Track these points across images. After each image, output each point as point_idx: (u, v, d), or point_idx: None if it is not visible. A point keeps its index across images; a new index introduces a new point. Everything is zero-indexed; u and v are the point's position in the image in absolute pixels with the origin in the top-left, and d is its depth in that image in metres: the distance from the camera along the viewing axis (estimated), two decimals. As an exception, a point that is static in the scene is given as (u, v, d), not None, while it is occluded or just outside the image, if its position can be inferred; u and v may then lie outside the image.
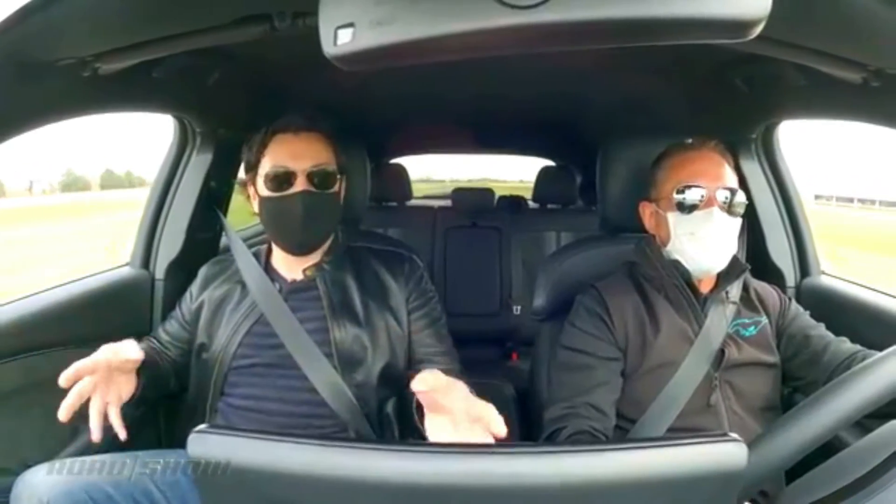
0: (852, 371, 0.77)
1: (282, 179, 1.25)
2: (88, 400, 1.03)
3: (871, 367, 0.76)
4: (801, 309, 1.31)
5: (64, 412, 0.98)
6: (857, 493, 0.74)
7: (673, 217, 1.23)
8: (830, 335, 1.25)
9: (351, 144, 1.48)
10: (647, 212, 1.33)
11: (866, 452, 0.81)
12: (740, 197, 1.21)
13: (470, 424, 0.83)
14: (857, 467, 0.77)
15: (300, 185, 1.24)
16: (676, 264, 1.24)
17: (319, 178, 1.26)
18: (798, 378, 1.24)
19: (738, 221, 1.22)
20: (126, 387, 1.10)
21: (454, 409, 0.85)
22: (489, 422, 0.82)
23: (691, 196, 1.21)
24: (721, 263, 1.22)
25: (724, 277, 1.25)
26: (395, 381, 1.27)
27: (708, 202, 1.20)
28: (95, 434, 1.02)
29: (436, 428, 0.87)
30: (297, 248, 1.31)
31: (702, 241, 1.20)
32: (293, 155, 1.26)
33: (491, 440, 0.80)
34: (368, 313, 1.28)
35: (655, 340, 1.22)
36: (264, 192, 1.27)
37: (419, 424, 0.94)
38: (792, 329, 1.27)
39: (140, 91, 1.30)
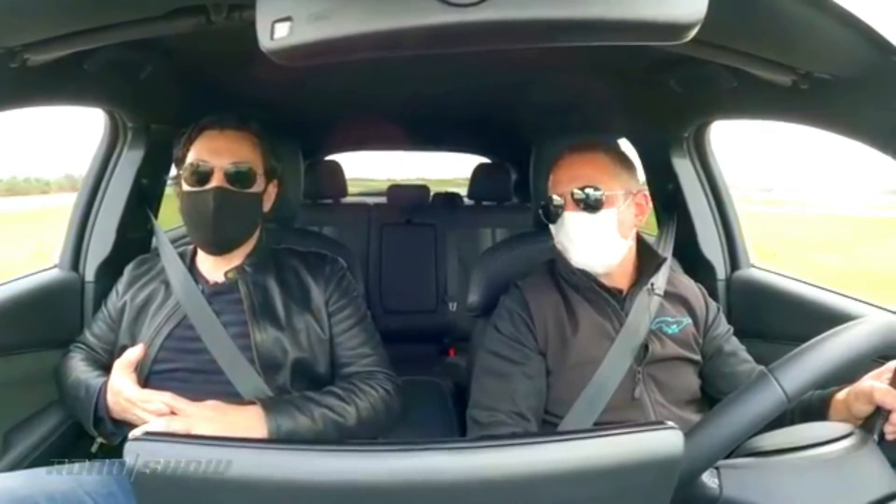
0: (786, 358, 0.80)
1: (200, 175, 1.24)
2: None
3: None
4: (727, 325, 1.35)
5: None
6: None
7: (552, 227, 1.29)
8: (754, 362, 1.29)
9: (285, 141, 1.46)
10: None
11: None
12: (594, 192, 1.21)
13: None
14: None
15: (216, 181, 1.24)
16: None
17: (236, 176, 1.26)
18: (718, 390, 1.27)
19: (607, 215, 1.22)
20: None
21: None
22: None
23: (553, 204, 1.27)
24: (603, 259, 1.25)
25: (642, 273, 1.28)
26: (315, 384, 1.26)
27: (565, 207, 1.24)
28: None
29: None
30: (211, 247, 1.29)
31: (573, 243, 1.24)
32: (213, 151, 1.25)
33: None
34: (289, 316, 1.28)
35: (574, 338, 1.23)
36: (185, 186, 1.26)
37: None
38: (725, 345, 1.30)
39: (71, 84, 1.26)
